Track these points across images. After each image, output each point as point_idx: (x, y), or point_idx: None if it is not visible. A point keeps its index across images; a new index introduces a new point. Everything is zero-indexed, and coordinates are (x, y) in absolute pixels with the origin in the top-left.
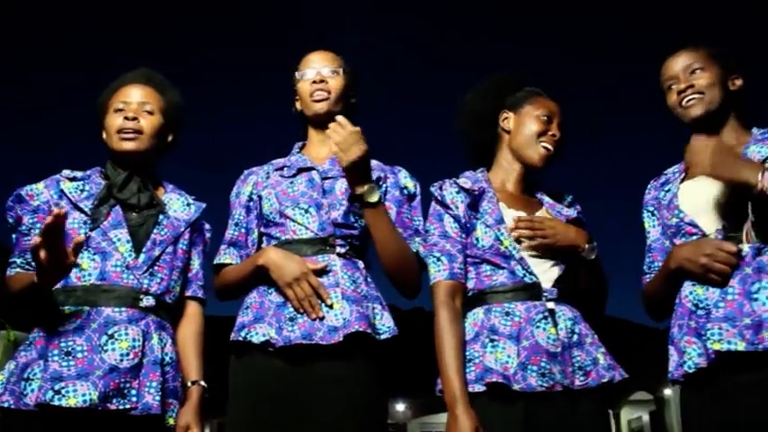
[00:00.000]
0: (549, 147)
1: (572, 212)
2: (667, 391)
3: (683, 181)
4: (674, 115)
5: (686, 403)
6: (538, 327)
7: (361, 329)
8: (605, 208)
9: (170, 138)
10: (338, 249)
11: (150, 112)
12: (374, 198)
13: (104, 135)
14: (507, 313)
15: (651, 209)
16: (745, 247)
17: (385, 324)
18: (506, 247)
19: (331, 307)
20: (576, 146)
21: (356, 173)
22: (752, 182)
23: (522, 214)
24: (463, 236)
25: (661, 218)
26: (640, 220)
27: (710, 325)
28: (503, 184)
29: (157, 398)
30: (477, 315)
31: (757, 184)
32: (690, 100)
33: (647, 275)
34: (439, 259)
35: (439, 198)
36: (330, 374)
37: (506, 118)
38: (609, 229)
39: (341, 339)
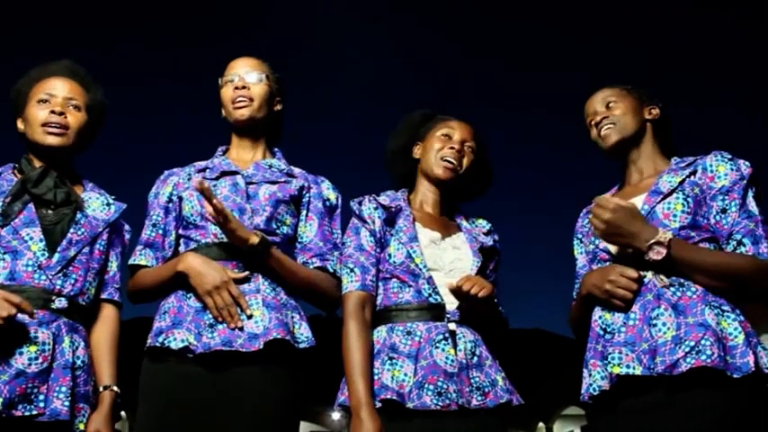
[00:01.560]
0: (451, 160)
1: (488, 240)
2: None
3: None
4: (598, 149)
5: (592, 423)
6: (437, 347)
7: (280, 337)
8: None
9: (90, 136)
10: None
11: (77, 108)
12: (255, 240)
13: (22, 125)
14: (409, 332)
15: (580, 236)
16: (648, 275)
17: (303, 334)
18: (416, 265)
19: (250, 317)
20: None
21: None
22: (642, 250)
23: (437, 235)
24: (378, 250)
25: (585, 245)
26: (571, 248)
27: (612, 349)
28: (421, 205)
29: (66, 403)
30: (380, 333)
31: (645, 254)
32: (605, 129)
33: (574, 301)
34: (352, 270)
35: (357, 212)
36: (248, 381)
37: (417, 149)
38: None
39: (261, 347)
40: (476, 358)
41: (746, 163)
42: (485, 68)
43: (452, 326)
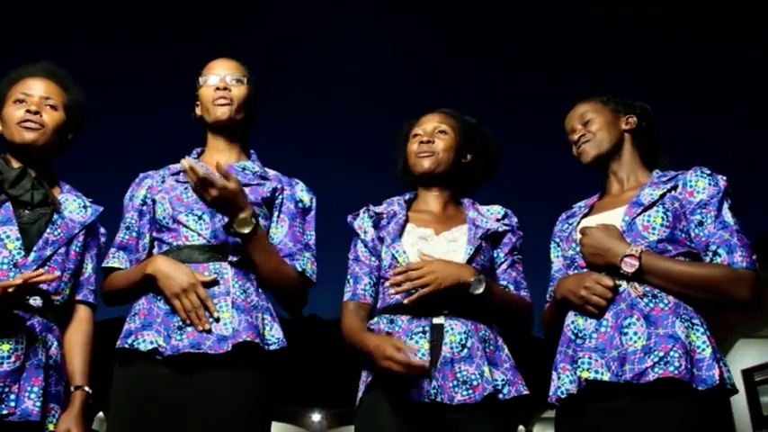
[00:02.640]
0: (419, 151)
1: (496, 226)
2: None
3: (585, 216)
4: (580, 164)
5: (559, 423)
6: (411, 339)
7: (249, 339)
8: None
9: (69, 136)
10: (230, 258)
11: (53, 107)
12: (246, 230)
13: (1, 126)
14: (392, 321)
15: (557, 240)
16: (623, 284)
17: (274, 335)
18: (400, 265)
19: (218, 320)
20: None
21: (222, 210)
22: (617, 265)
23: (429, 231)
24: (372, 258)
25: (564, 250)
26: (548, 251)
27: (582, 354)
28: (423, 205)
29: (38, 404)
30: (372, 322)
31: (619, 268)
32: (582, 145)
33: (548, 303)
34: (348, 281)
35: (351, 226)
36: (216, 384)
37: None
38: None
39: (229, 349)
40: (465, 350)
41: (723, 177)
42: (484, 68)
43: (439, 319)
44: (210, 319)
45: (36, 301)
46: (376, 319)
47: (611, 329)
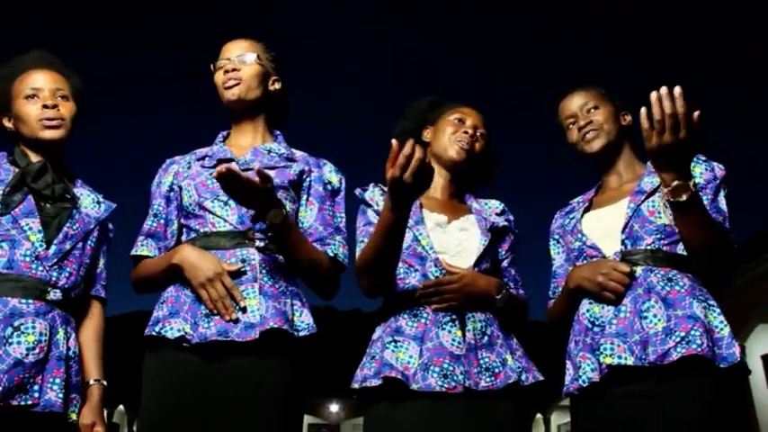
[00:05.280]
0: (464, 143)
1: (500, 221)
2: None
3: (587, 210)
4: (575, 150)
5: (577, 411)
6: (443, 329)
7: (277, 326)
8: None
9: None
10: (257, 243)
11: (65, 98)
12: (277, 220)
13: (7, 122)
14: (415, 315)
15: (557, 237)
16: (639, 269)
17: (304, 321)
18: (423, 248)
19: (244, 310)
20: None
21: (252, 206)
22: (668, 184)
23: (443, 218)
24: None
25: (565, 244)
26: (547, 248)
27: (604, 340)
28: (432, 192)
29: (60, 395)
30: (386, 317)
31: (670, 193)
32: (590, 134)
33: (552, 300)
34: (362, 242)
35: (360, 197)
36: (245, 372)
37: (427, 132)
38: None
39: (257, 336)
40: (486, 338)
41: (720, 165)
42: (484, 68)
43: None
44: (237, 308)
45: (56, 295)
46: (393, 317)
47: (631, 314)
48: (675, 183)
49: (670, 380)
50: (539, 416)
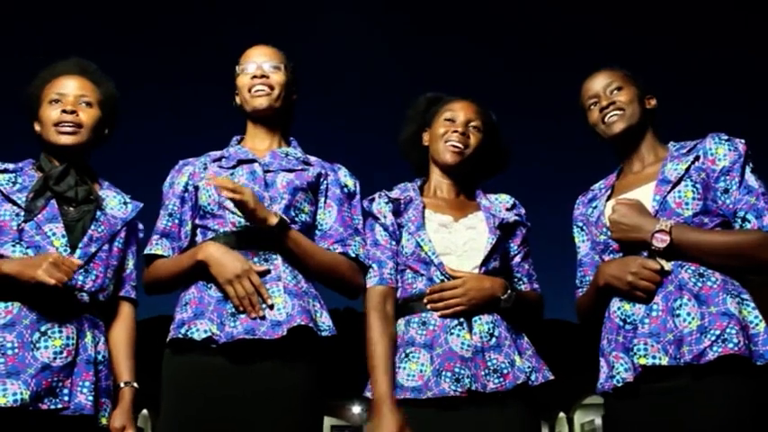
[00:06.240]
0: (455, 143)
1: (509, 216)
2: None
3: (609, 197)
4: (595, 133)
5: (611, 409)
6: (451, 333)
7: (303, 324)
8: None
9: (105, 131)
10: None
11: (89, 104)
12: (272, 220)
13: (38, 127)
14: (424, 323)
15: (580, 224)
16: (667, 265)
17: (325, 323)
18: (426, 253)
19: (271, 307)
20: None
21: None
22: (648, 241)
23: (448, 218)
24: (393, 243)
25: (590, 233)
26: (570, 235)
27: (637, 340)
28: (435, 191)
29: (90, 398)
30: (399, 327)
31: (651, 245)
32: (612, 116)
33: (580, 290)
34: (370, 266)
35: (368, 210)
36: (271, 372)
37: (426, 135)
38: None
39: (284, 334)
40: (494, 339)
41: (741, 141)
42: (483, 68)
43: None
44: (264, 306)
45: (83, 298)
46: (403, 325)
47: (663, 313)
48: (650, 235)
49: (706, 377)
50: (562, 414)
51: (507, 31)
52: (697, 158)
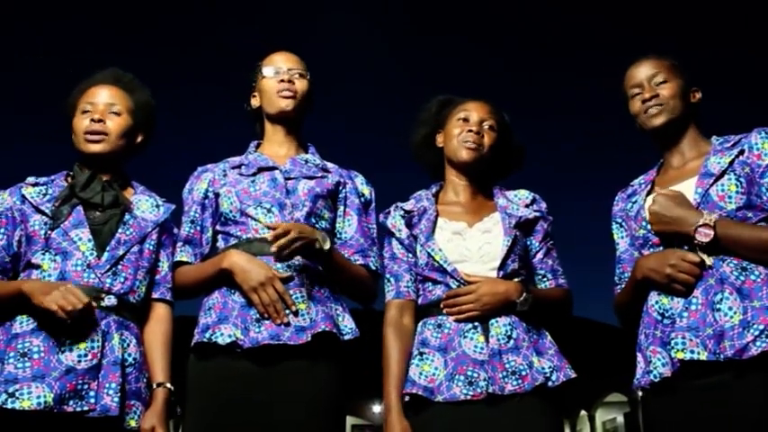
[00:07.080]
0: (470, 142)
1: (528, 212)
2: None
3: (649, 193)
4: (635, 123)
5: (649, 405)
6: (465, 337)
7: (327, 329)
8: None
9: (140, 138)
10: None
11: (117, 113)
12: (326, 245)
13: (73, 136)
14: (439, 325)
15: (619, 220)
16: (709, 260)
17: (347, 325)
18: (438, 262)
19: (296, 314)
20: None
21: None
22: (690, 235)
23: (462, 225)
24: (410, 255)
25: (629, 229)
26: (609, 232)
27: (675, 334)
28: (451, 195)
29: (116, 399)
30: (417, 328)
31: (694, 239)
32: (654, 109)
33: (618, 286)
34: (388, 281)
35: (384, 225)
36: (295, 376)
37: (440, 136)
38: (596, 232)
39: (309, 339)
40: (512, 342)
41: None
42: (483, 68)
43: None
44: (288, 313)
45: (110, 301)
46: (420, 326)
47: (703, 307)
48: (693, 229)
49: (748, 373)
50: (583, 413)
51: (507, 31)
52: (741, 152)
